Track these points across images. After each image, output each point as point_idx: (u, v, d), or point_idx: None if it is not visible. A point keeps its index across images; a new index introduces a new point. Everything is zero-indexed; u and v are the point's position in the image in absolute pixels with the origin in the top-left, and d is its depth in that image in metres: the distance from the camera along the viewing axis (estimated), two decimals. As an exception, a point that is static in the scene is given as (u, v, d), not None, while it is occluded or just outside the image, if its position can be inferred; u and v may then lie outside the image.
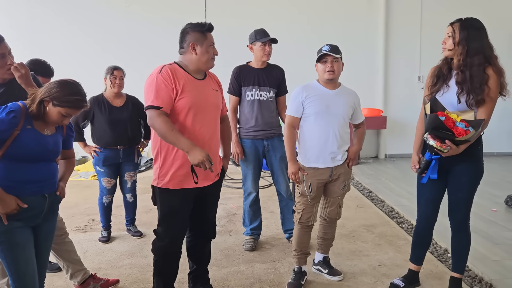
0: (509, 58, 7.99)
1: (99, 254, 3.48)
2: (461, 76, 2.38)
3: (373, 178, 6.27)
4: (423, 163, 2.51)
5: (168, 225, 2.36)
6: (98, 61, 6.20)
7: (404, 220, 4.27)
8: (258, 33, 3.40)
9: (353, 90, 2.88)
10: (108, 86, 3.61)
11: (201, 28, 2.29)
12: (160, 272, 2.44)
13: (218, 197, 2.62)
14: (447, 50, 2.44)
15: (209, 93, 2.37)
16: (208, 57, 2.31)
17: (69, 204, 4.73)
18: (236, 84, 3.46)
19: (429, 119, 2.35)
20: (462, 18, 2.42)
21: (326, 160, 2.74)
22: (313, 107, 2.71)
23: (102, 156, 3.63)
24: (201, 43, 2.28)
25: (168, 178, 2.27)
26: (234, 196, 5.26)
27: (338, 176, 2.79)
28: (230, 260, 3.32)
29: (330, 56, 2.68)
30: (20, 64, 2.24)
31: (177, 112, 2.24)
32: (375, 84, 7.89)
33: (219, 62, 2.57)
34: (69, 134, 2.20)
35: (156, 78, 2.20)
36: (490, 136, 7.63)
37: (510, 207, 4.58)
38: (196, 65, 2.31)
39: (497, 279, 2.91)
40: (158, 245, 2.39)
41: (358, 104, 2.86)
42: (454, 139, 2.30)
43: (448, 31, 2.43)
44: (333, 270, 3.01)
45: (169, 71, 2.22)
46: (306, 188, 2.77)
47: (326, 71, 2.68)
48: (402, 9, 7.74)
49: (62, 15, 7.31)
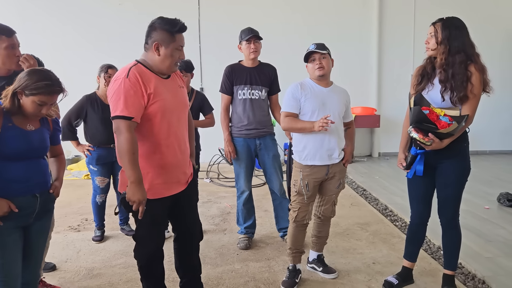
0: (501, 55, 8.09)
1: (92, 253, 3.46)
2: (444, 74, 2.44)
3: (367, 177, 6.29)
4: (409, 158, 2.56)
5: (151, 233, 2.27)
6: (91, 60, 6.14)
7: (398, 218, 4.29)
8: (243, 32, 3.42)
9: (344, 89, 2.90)
10: (102, 84, 3.58)
11: (170, 27, 2.07)
12: (148, 276, 2.37)
13: (197, 196, 2.55)
14: (430, 49, 2.50)
15: (177, 93, 2.25)
16: (171, 61, 2.12)
17: (62, 204, 4.70)
18: (228, 83, 3.46)
19: (412, 112, 2.39)
20: (443, 18, 2.47)
21: (323, 157, 2.74)
22: (310, 104, 2.71)
23: (95, 155, 3.61)
24: (167, 44, 2.08)
25: (147, 188, 2.09)
26: (228, 195, 5.26)
27: (334, 174, 2.80)
28: (225, 258, 3.31)
29: (317, 54, 2.70)
30: (29, 56, 2.38)
31: (148, 118, 2.09)
32: (368, 83, 7.91)
33: (213, 61, 2.56)
34: (55, 129, 2.14)
35: (123, 84, 1.99)
36: (483, 134, 7.79)
37: (502, 204, 4.62)
38: (157, 67, 2.13)
39: (489, 276, 2.93)
40: (142, 252, 2.29)
41: (349, 102, 2.89)
42: (437, 132, 2.34)
43: (430, 31, 2.48)
44: (328, 268, 3.01)
45: (137, 75, 2.03)
46: (303, 187, 2.77)
47: (315, 68, 2.70)
48: (396, 9, 7.76)
49: (54, 14, 7.23)
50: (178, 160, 2.23)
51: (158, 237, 2.33)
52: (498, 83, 8.84)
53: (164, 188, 2.19)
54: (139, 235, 2.29)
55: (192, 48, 6.91)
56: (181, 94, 2.30)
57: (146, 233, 2.27)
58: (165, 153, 2.17)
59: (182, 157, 2.26)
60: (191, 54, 4.26)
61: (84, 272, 3.11)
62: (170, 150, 2.19)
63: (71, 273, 3.11)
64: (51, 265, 3.16)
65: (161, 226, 2.36)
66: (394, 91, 7.84)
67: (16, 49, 2.35)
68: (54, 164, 2.20)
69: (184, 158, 2.28)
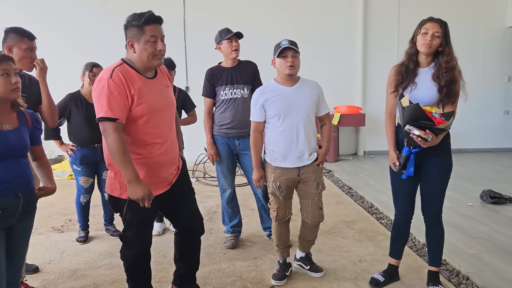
0: (484, 55, 8.22)
1: (76, 254, 3.41)
2: (449, 76, 2.42)
3: (353, 175, 6.34)
4: (402, 158, 2.54)
5: (137, 233, 2.24)
6: (73, 59, 6.07)
7: (384, 216, 4.33)
8: (223, 32, 3.40)
9: (314, 81, 2.80)
10: (86, 83, 3.53)
11: (137, 21, 2.03)
12: (135, 277, 2.35)
13: (190, 189, 2.47)
14: (433, 48, 2.44)
15: (163, 92, 2.22)
16: (147, 55, 2.06)
17: (45, 204, 4.62)
18: (209, 86, 3.43)
19: (409, 110, 2.36)
20: (443, 20, 2.47)
21: (292, 159, 2.70)
22: (274, 108, 2.66)
23: (79, 154, 3.55)
24: (138, 39, 2.05)
25: None
26: (214, 194, 5.23)
27: (309, 175, 2.74)
28: (211, 258, 3.30)
29: (290, 50, 2.61)
30: (42, 60, 2.69)
31: (133, 119, 2.07)
32: (354, 81, 7.96)
33: (197, 61, 2.53)
34: (35, 127, 2.07)
35: (107, 85, 1.98)
36: (466, 133, 7.91)
37: (485, 202, 4.69)
38: (139, 64, 2.10)
39: (473, 272, 2.97)
40: (129, 253, 2.28)
41: (320, 94, 2.78)
42: (433, 128, 2.35)
43: (437, 30, 2.41)
44: (315, 266, 3.00)
45: (121, 75, 2.01)
46: (276, 189, 2.76)
47: (286, 66, 2.61)
48: (380, 8, 7.83)
49: (33, 13, 7.05)
50: (165, 160, 2.21)
51: (145, 238, 2.30)
52: (481, 82, 9.05)
53: (152, 189, 2.16)
54: (126, 236, 2.26)
55: (177, 49, 6.85)
56: (167, 93, 2.27)
57: (133, 234, 2.24)
58: (151, 153, 2.15)
59: (169, 157, 2.24)
60: (176, 54, 4.23)
61: (68, 274, 3.06)
62: (157, 150, 2.17)
63: (54, 274, 3.05)
64: (33, 267, 3.10)
65: (149, 227, 2.33)
66: (379, 90, 7.85)
67: (33, 52, 2.68)
68: (40, 171, 2.12)
69: (172, 158, 2.25)
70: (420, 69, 2.54)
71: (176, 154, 2.34)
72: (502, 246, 3.45)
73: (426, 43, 2.43)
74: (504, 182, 5.65)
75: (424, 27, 2.46)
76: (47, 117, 2.80)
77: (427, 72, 2.51)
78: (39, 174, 2.13)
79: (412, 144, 2.44)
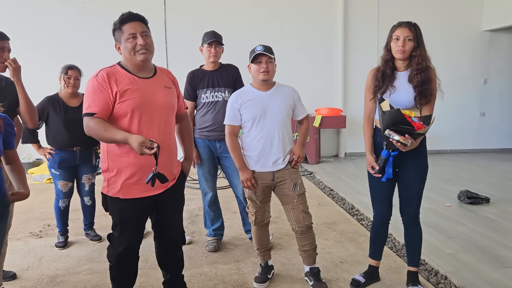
0: (460, 57, 8.40)
1: (55, 260, 3.35)
2: (421, 77, 2.48)
3: (334, 177, 6.39)
4: (381, 161, 2.57)
5: (121, 233, 2.25)
6: (50, 64, 5.95)
7: (364, 217, 4.38)
8: (206, 34, 3.40)
9: (289, 86, 2.79)
10: (63, 86, 3.48)
11: (116, 24, 2.15)
12: (116, 278, 2.37)
13: (181, 203, 2.47)
14: (407, 52, 2.49)
15: (157, 92, 2.20)
16: (128, 51, 2.12)
17: (23, 209, 4.53)
18: (190, 89, 3.42)
19: (389, 115, 2.40)
20: (412, 22, 2.52)
21: (266, 164, 2.70)
22: (249, 112, 2.66)
23: (58, 158, 3.50)
24: (119, 40, 2.14)
25: (119, 187, 2.17)
26: (196, 197, 5.20)
27: (283, 178, 2.72)
28: (193, 262, 3.28)
29: (265, 56, 2.60)
30: (14, 59, 2.60)
31: (119, 117, 2.11)
32: (334, 83, 8.05)
33: (175, 63, 2.52)
34: (8, 131, 2.00)
35: (91, 84, 2.10)
36: (444, 134, 8.07)
37: (462, 202, 4.79)
38: (129, 63, 2.17)
39: (451, 272, 3.03)
40: (112, 253, 2.31)
41: (297, 99, 2.77)
42: (412, 133, 2.39)
43: (407, 34, 2.47)
44: (319, 283, 2.77)
45: (105, 75, 2.09)
46: (252, 194, 2.76)
47: (260, 71, 2.61)
48: (360, 10, 7.94)
49: (10, 14, 6.97)
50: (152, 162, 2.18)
51: (129, 239, 2.28)
52: (457, 84, 9.23)
53: (137, 189, 2.17)
54: (111, 235, 2.31)
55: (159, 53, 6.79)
56: (163, 94, 2.23)
57: (117, 233, 2.26)
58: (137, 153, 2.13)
59: (159, 160, 2.19)
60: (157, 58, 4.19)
61: (46, 280, 3.00)
62: None
63: (32, 281, 2.99)
64: (11, 274, 3.03)
65: (133, 228, 2.28)
66: (360, 92, 7.92)
67: (5, 52, 2.59)
68: (13, 175, 2.07)
69: (162, 161, 2.18)
70: (398, 72, 2.58)
71: (171, 160, 2.30)
72: (479, 245, 3.53)
73: (399, 49, 2.49)
74: (481, 183, 5.79)
75: (394, 34, 2.52)
76: (25, 117, 2.73)
77: (404, 75, 2.56)
78: (12, 178, 2.08)
79: (391, 147, 2.47)
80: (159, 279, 2.72)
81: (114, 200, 2.20)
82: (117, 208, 2.21)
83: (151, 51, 2.17)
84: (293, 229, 2.79)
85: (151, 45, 2.17)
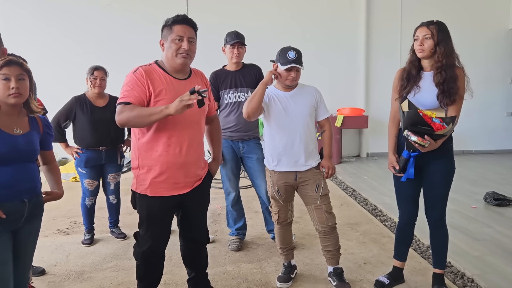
0: (486, 56, 8.21)
1: (82, 257, 3.43)
2: (442, 76, 2.45)
3: (356, 177, 6.34)
4: (401, 161, 2.56)
5: (147, 231, 2.28)
6: (79, 63, 6.08)
7: (387, 218, 4.33)
8: (229, 35, 3.41)
9: (312, 86, 2.79)
10: (89, 86, 3.56)
11: (168, 21, 2.17)
12: (141, 277, 2.40)
13: (206, 203, 2.50)
14: (426, 51, 2.48)
15: None
16: (171, 52, 2.15)
17: (50, 207, 4.61)
18: (213, 90, 3.44)
19: (408, 116, 2.39)
20: (434, 21, 2.49)
21: (288, 163, 2.70)
22: (271, 109, 2.67)
23: (84, 157, 3.58)
24: (166, 37, 2.16)
25: (147, 185, 2.21)
26: (218, 196, 5.23)
27: (307, 178, 2.73)
28: (216, 260, 3.31)
29: (295, 67, 2.60)
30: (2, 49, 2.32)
31: None
32: (357, 83, 7.98)
33: (200, 63, 2.54)
34: (46, 132, 2.08)
35: (130, 77, 2.14)
36: (469, 134, 7.90)
37: (489, 204, 4.69)
38: (167, 63, 2.20)
39: (478, 274, 2.97)
40: (138, 251, 2.34)
41: (319, 99, 2.76)
42: (432, 134, 2.37)
43: (424, 33, 2.46)
44: (342, 284, 2.76)
45: (143, 72, 2.13)
46: (275, 192, 2.77)
47: (288, 78, 2.61)
48: (383, 10, 7.86)
49: (39, 17, 7.12)
50: (181, 161, 2.21)
51: (154, 237, 2.30)
52: (483, 83, 9.04)
53: (164, 188, 2.21)
54: (137, 233, 2.35)
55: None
56: None
57: (142, 231, 2.30)
58: (166, 152, 2.18)
59: (186, 159, 2.22)
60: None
61: (74, 276, 3.08)
62: (172, 150, 2.18)
63: (60, 277, 3.07)
64: (40, 269, 3.12)
65: (158, 226, 2.31)
66: (382, 92, 7.91)
67: None
68: (49, 175, 2.14)
69: (190, 161, 2.24)
70: (424, 72, 2.56)
71: (198, 160, 2.33)
72: (506, 248, 3.45)
73: (418, 48, 2.49)
74: (507, 184, 5.65)
75: (415, 34, 2.52)
76: None
77: (430, 75, 2.53)
78: (48, 178, 2.15)
79: (411, 148, 2.46)
80: (183, 277, 2.76)
81: (142, 197, 2.24)
82: (144, 205, 2.25)
83: (191, 57, 2.22)
84: (316, 229, 2.80)
85: (193, 52, 2.22)
